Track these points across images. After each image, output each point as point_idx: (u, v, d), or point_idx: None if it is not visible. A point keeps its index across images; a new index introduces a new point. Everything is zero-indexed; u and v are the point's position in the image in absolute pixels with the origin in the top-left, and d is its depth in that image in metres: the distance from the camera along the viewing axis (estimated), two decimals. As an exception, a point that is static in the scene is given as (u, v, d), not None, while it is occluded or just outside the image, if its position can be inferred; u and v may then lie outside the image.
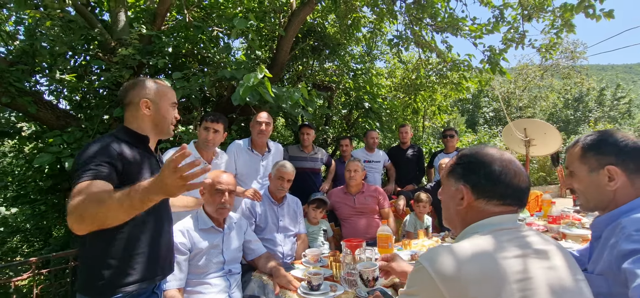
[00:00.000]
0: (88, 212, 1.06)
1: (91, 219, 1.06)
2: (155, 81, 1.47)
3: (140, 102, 1.40)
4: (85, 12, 3.77)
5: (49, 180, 4.03)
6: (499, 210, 0.93)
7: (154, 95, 1.43)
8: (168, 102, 1.46)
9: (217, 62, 4.38)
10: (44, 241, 5.58)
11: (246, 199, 2.56)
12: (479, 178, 0.93)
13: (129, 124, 1.42)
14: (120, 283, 1.29)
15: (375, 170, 4.36)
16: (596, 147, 1.11)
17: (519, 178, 0.93)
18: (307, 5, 4.66)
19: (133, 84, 1.43)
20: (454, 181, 0.99)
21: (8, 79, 3.15)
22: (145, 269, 1.36)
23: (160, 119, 1.44)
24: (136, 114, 1.41)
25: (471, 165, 0.96)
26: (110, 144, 1.28)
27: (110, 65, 3.49)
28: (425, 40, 5.31)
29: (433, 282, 0.81)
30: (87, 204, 1.06)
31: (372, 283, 1.58)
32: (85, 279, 1.30)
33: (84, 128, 3.44)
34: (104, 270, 1.27)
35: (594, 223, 1.11)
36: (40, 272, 2.97)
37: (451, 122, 15.94)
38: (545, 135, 5.75)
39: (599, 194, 1.09)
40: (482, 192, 0.93)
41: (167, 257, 1.50)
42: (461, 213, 0.97)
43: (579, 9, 4.15)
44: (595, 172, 1.10)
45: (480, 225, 0.92)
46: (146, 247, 1.37)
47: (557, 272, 0.85)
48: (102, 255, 1.28)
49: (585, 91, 20.95)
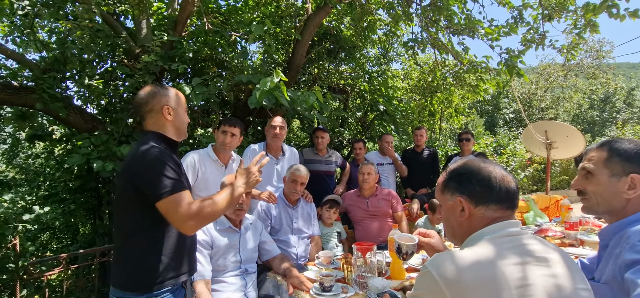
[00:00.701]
0: (210, 218, 1.38)
1: (209, 221, 1.41)
2: (168, 88, 1.58)
3: (162, 109, 1.49)
4: (111, 21, 3.97)
5: (78, 181, 4.26)
6: (498, 214, 0.97)
7: (174, 102, 1.53)
8: (183, 108, 1.59)
9: (235, 66, 4.51)
10: (72, 238, 5.88)
11: (262, 201, 2.65)
12: (474, 186, 0.98)
13: (155, 129, 1.52)
14: (164, 278, 1.41)
15: (389, 173, 4.37)
16: (623, 153, 1.10)
17: (506, 180, 0.98)
18: (323, 9, 4.72)
19: (152, 93, 1.51)
20: (451, 195, 1.03)
21: (42, 86, 3.36)
22: (184, 263, 1.51)
23: (180, 123, 1.56)
24: (158, 120, 1.50)
25: (463, 176, 1.01)
26: (169, 155, 1.41)
27: (134, 71, 3.67)
28: (441, 42, 5.27)
29: (438, 286, 0.86)
30: (210, 213, 1.37)
31: (407, 257, 1.54)
32: (128, 275, 1.40)
33: (109, 131, 3.63)
34: (149, 266, 1.39)
35: (602, 233, 1.12)
36: (69, 267, 3.16)
37: (469, 124, 15.64)
38: (567, 137, 5.60)
39: (614, 200, 1.09)
40: (479, 199, 0.97)
41: (195, 251, 1.67)
42: (464, 224, 1.00)
43: (602, 8, 4.02)
44: (616, 177, 1.09)
45: (483, 232, 0.96)
46: (184, 244, 1.51)
47: (557, 280, 0.87)
48: (149, 253, 1.40)
49: (612, 91, 20.10)
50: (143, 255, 1.39)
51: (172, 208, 1.31)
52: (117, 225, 1.49)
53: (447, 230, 1.09)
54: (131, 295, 1.38)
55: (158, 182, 1.32)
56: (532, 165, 8.57)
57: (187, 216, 1.31)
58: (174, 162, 1.41)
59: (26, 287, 3.64)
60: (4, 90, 3.34)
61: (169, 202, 1.31)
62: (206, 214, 1.34)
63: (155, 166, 1.35)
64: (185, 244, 1.52)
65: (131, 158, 1.43)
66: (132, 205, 1.38)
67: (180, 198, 1.32)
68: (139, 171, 1.36)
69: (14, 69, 3.63)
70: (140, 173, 1.36)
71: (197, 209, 1.33)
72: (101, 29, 3.65)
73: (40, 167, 5.77)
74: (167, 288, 1.42)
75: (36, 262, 3.34)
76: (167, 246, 1.42)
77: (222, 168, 2.66)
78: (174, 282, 1.45)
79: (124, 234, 1.42)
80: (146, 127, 1.52)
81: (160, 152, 1.39)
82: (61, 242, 6.26)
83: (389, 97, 6.00)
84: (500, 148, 8.55)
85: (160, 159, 1.36)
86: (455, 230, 1.04)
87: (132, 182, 1.37)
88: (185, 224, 1.32)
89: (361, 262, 1.89)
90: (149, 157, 1.37)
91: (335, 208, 3.00)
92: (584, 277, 0.92)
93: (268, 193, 2.70)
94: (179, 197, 1.32)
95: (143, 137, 1.51)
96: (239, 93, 4.53)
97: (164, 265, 1.41)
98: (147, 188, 1.33)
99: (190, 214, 1.31)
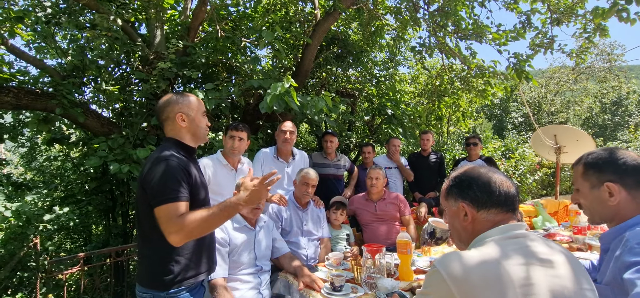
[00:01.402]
0: (197, 232, 1.37)
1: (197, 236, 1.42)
2: (185, 95, 1.64)
3: (177, 117, 1.56)
4: (127, 28, 4.11)
5: (94, 182, 4.39)
6: (500, 218, 1.02)
7: (187, 109, 1.59)
8: (199, 112, 1.63)
9: (245, 71, 4.62)
10: (86, 238, 6.04)
11: (273, 204, 2.72)
12: (475, 192, 1.03)
13: (173, 136, 1.59)
14: (185, 277, 1.48)
15: (397, 177, 4.41)
16: (596, 165, 1.18)
17: (506, 185, 1.03)
18: (331, 14, 4.81)
19: (168, 101, 1.59)
20: (454, 201, 1.09)
21: (61, 92, 3.50)
22: (204, 262, 1.58)
23: (196, 128, 1.61)
24: (174, 127, 1.57)
25: (464, 182, 1.07)
26: (179, 163, 1.45)
27: (148, 77, 3.79)
28: (449, 47, 5.30)
29: (446, 284, 0.90)
30: (196, 228, 1.35)
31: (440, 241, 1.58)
32: (150, 273, 1.48)
33: (125, 135, 3.75)
34: (171, 266, 1.46)
35: (602, 237, 1.17)
36: (84, 267, 3.27)
37: (477, 128, 15.53)
38: (577, 142, 5.55)
39: (602, 209, 1.16)
40: (482, 203, 1.03)
41: (214, 250, 1.74)
42: (468, 228, 1.06)
43: (611, 13, 4.02)
44: (596, 188, 1.17)
45: (489, 234, 1.01)
46: (203, 244, 1.57)
47: (561, 280, 0.91)
48: (170, 253, 1.46)
49: (624, 94, 19.77)
50: (161, 255, 1.46)
51: (163, 217, 1.35)
52: (138, 226, 1.57)
53: (453, 234, 1.15)
54: (153, 292, 1.47)
55: (158, 189, 1.37)
56: (541, 169, 8.49)
57: (172, 228, 1.33)
58: (185, 171, 1.45)
59: (45, 285, 3.76)
60: (27, 95, 3.49)
61: (161, 211, 1.35)
62: (192, 230, 1.34)
63: (161, 173, 1.39)
64: (204, 244, 1.58)
65: (147, 163, 1.50)
66: (147, 208, 1.43)
67: (173, 208, 1.35)
68: (147, 176, 1.42)
69: (35, 76, 3.78)
70: (147, 178, 1.42)
71: (183, 223, 1.33)
72: (118, 37, 3.78)
73: (56, 170, 5.94)
74: (185, 286, 1.49)
75: (55, 260, 3.46)
76: (185, 246, 1.48)
77: (232, 172, 2.74)
78: (193, 281, 1.52)
79: (144, 235, 1.50)
80: (166, 133, 1.60)
81: (171, 161, 1.43)
82: (75, 242, 6.43)
83: (396, 101, 6.04)
84: (508, 152, 8.50)
85: (168, 167, 1.41)
86: (461, 233, 1.10)
87: (143, 186, 1.44)
88: (170, 236, 1.33)
89: (370, 263, 1.95)
90: (158, 164, 1.42)
91: (341, 209, 3.05)
92: (589, 278, 0.96)
93: (279, 196, 2.78)
94: (172, 207, 1.35)
95: (162, 144, 1.59)
96: (250, 97, 4.63)
97: (182, 265, 1.48)
98: (149, 193, 1.40)
99: (176, 226, 1.32)
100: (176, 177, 1.41)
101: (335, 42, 5.99)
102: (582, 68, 15.07)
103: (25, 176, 5.41)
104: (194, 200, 1.48)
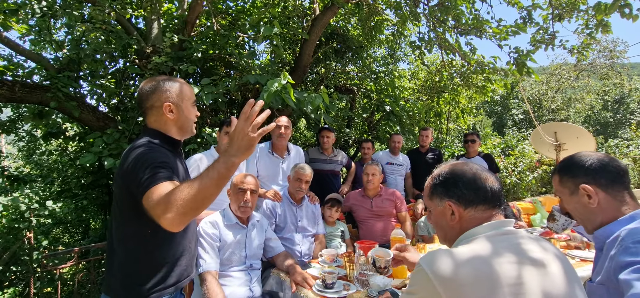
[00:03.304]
0: (192, 205, 1.05)
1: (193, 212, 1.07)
2: (174, 81, 1.41)
3: (163, 106, 1.35)
4: (123, 22, 4.07)
5: (90, 177, 4.38)
6: (487, 214, 1.00)
7: (177, 98, 1.38)
8: (189, 102, 1.42)
9: (243, 66, 4.58)
10: (83, 233, 6.04)
11: (267, 200, 2.70)
12: (462, 190, 1.01)
13: (156, 126, 1.39)
14: (161, 287, 1.30)
15: (397, 173, 4.38)
16: (568, 170, 1.18)
17: (490, 180, 1.01)
18: (330, 9, 4.76)
19: (153, 88, 1.37)
20: (439, 200, 1.06)
21: (57, 85, 3.47)
22: (183, 270, 1.40)
23: (184, 121, 1.41)
24: (159, 117, 1.37)
25: (449, 180, 1.04)
26: (159, 149, 1.28)
27: (144, 71, 3.76)
28: (448, 42, 5.25)
29: (431, 283, 0.88)
30: (190, 200, 1.04)
31: (384, 270, 1.62)
32: (121, 282, 1.29)
33: (120, 129, 3.72)
34: (144, 275, 1.28)
35: (595, 236, 1.14)
36: (81, 261, 3.26)
37: (477, 125, 15.48)
38: (577, 139, 5.52)
39: (586, 213, 1.15)
40: (468, 201, 1.00)
41: (195, 256, 1.56)
42: (455, 227, 1.03)
43: (613, 8, 3.95)
44: (575, 194, 1.16)
45: (477, 231, 0.98)
46: (182, 250, 1.39)
47: (551, 279, 0.89)
48: (136, 261, 1.29)
49: (627, 92, 19.66)
50: (138, 261, 1.29)
51: (149, 201, 1.11)
52: (113, 229, 1.34)
53: (439, 233, 1.12)
54: None
55: (142, 176, 1.16)
56: (541, 166, 8.45)
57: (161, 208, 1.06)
58: (166, 156, 1.26)
59: (40, 280, 3.76)
60: (21, 88, 3.46)
61: (147, 196, 1.12)
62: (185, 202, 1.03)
63: (141, 161, 1.20)
64: (185, 248, 1.42)
65: (123, 157, 1.30)
66: (122, 209, 1.29)
67: (157, 189, 1.12)
68: (127, 168, 1.23)
69: (31, 69, 3.75)
70: (128, 170, 1.22)
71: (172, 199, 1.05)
72: (114, 30, 3.75)
73: (54, 164, 5.93)
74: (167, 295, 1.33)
75: (50, 255, 3.45)
76: (154, 255, 1.31)
77: None
78: (172, 289, 1.35)
79: (119, 238, 1.30)
80: (148, 123, 1.39)
81: (150, 148, 1.26)
82: (73, 236, 6.44)
83: (395, 97, 6.00)
84: (508, 149, 8.45)
85: (148, 154, 1.22)
86: (447, 232, 1.07)
87: (119, 183, 1.27)
88: (162, 219, 1.05)
89: (363, 260, 1.92)
90: (136, 153, 1.24)
91: (336, 206, 3.03)
92: (580, 282, 0.94)
93: (273, 192, 2.75)
94: (157, 188, 1.12)
95: (141, 134, 1.39)
96: (247, 92, 4.60)
97: (150, 275, 1.29)
98: (134, 187, 1.19)
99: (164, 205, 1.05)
100: (159, 163, 1.20)
101: (335, 37, 5.94)
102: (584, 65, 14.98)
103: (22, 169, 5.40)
104: None
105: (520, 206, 4.08)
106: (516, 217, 3.64)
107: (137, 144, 1.30)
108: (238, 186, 2.13)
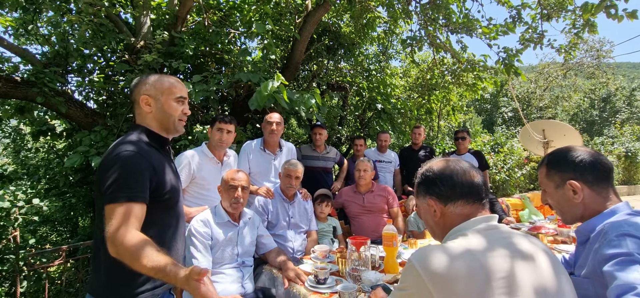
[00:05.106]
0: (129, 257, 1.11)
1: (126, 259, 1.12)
2: (156, 75, 1.38)
3: (141, 99, 1.32)
4: (113, 16, 3.99)
5: (78, 174, 4.30)
6: (468, 210, 1.01)
7: (154, 91, 1.33)
8: (171, 97, 1.35)
9: (235, 62, 4.54)
10: (72, 231, 5.94)
11: (259, 197, 2.69)
12: (439, 187, 1.03)
13: (140, 122, 1.36)
14: (148, 288, 1.27)
15: (386, 170, 4.42)
16: (556, 164, 1.20)
17: (468, 174, 1.02)
18: (322, 6, 4.75)
19: (136, 82, 1.36)
20: (423, 198, 1.08)
21: (43, 80, 3.39)
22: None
23: (163, 116, 1.34)
24: (139, 111, 1.34)
25: (428, 178, 1.06)
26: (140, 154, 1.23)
27: (134, 67, 3.69)
28: (440, 40, 5.30)
29: (421, 279, 0.88)
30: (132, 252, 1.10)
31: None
32: (105, 282, 1.24)
33: (109, 126, 3.66)
34: (129, 275, 1.21)
35: (578, 230, 1.17)
36: (69, 260, 3.20)
37: (467, 122, 15.66)
38: (564, 136, 5.64)
39: (570, 207, 1.17)
40: (446, 198, 1.02)
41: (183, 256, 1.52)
42: (440, 223, 1.06)
43: (600, 8, 4.05)
44: (560, 188, 1.18)
45: (464, 226, 0.99)
46: (170, 248, 1.35)
47: (541, 273, 0.91)
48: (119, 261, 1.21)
49: (612, 91, 20.11)
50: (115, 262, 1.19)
51: (110, 217, 1.13)
52: (95, 227, 1.30)
53: (428, 229, 1.14)
54: None
55: (110, 184, 1.15)
56: (529, 164, 8.61)
57: (112, 235, 1.11)
58: (148, 164, 1.22)
59: (26, 279, 3.68)
60: (6, 83, 3.38)
61: (110, 209, 1.14)
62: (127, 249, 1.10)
63: (116, 166, 1.17)
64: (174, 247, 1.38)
65: (103, 156, 1.27)
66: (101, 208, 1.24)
67: (122, 210, 1.13)
68: (101, 168, 1.21)
69: (16, 63, 3.65)
70: (103, 170, 1.19)
71: (123, 238, 1.10)
72: (104, 23, 3.67)
73: (40, 161, 5.80)
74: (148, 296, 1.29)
75: (37, 253, 3.39)
76: None
77: (218, 166, 2.65)
78: (160, 291, 1.32)
79: (99, 238, 1.23)
80: (136, 120, 1.37)
81: (130, 151, 1.20)
82: (61, 235, 6.32)
83: (387, 95, 6.03)
84: (497, 146, 8.59)
85: (126, 160, 1.18)
86: (434, 229, 1.10)
87: (97, 181, 1.23)
88: (108, 240, 1.12)
89: (355, 256, 1.94)
90: (116, 153, 1.20)
91: (326, 201, 3.04)
92: (567, 275, 0.96)
93: (265, 188, 2.75)
94: (122, 209, 1.13)
95: (128, 130, 1.35)
96: (239, 89, 4.57)
97: (135, 275, 1.22)
98: (101, 187, 1.17)
99: (116, 236, 1.11)
100: (133, 172, 1.17)
101: (327, 34, 5.94)
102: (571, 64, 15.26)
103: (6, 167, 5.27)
104: (157, 198, 1.26)
105: (509, 202, 4.15)
106: (505, 213, 3.70)
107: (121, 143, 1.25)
108: (229, 183, 2.12)
